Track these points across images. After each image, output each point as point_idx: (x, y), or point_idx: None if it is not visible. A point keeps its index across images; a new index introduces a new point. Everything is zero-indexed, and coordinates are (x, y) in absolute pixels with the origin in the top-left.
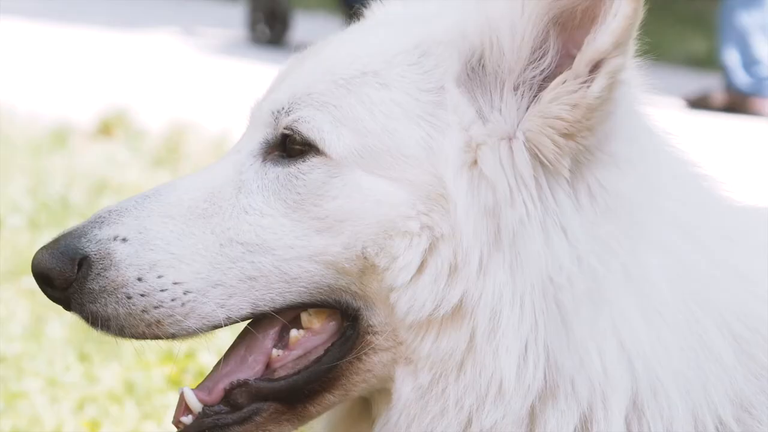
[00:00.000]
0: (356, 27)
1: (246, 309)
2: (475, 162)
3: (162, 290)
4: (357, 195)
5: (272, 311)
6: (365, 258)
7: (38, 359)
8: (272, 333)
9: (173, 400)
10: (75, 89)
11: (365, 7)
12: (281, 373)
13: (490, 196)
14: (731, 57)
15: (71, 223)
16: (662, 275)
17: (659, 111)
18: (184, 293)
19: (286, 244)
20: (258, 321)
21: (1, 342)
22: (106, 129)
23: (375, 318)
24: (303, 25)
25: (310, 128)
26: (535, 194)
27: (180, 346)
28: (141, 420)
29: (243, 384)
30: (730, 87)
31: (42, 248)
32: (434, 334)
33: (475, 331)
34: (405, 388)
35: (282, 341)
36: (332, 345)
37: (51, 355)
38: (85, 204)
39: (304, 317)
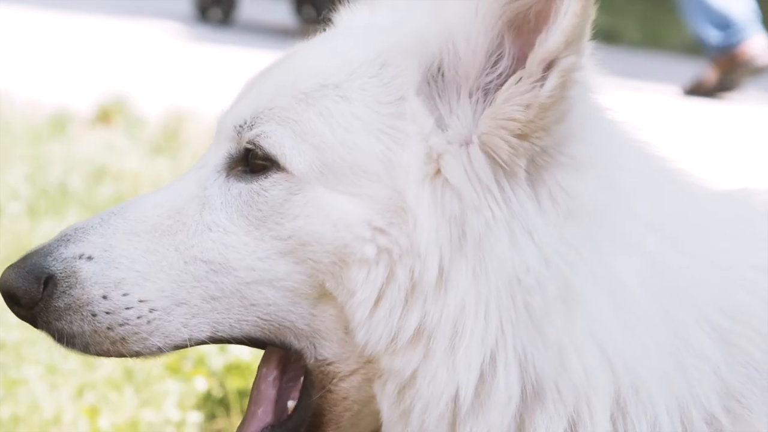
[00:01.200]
0: (321, 37)
1: (206, 332)
2: (438, 172)
3: (127, 308)
4: (317, 215)
5: (231, 340)
6: (325, 291)
7: (37, 346)
8: (272, 380)
9: (172, 387)
10: (74, 76)
11: (332, 13)
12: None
13: (456, 204)
14: (698, 24)
15: (70, 210)
16: (631, 274)
17: (656, 98)
18: (150, 311)
19: (248, 265)
20: (260, 371)
21: (0, 329)
22: (105, 116)
23: (326, 351)
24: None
25: (272, 144)
26: (500, 197)
27: None
28: (140, 407)
29: None
30: (713, 54)
31: (9, 267)
32: (390, 355)
33: (430, 350)
34: (384, 403)
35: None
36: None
37: (50, 343)
38: (84, 191)
39: None
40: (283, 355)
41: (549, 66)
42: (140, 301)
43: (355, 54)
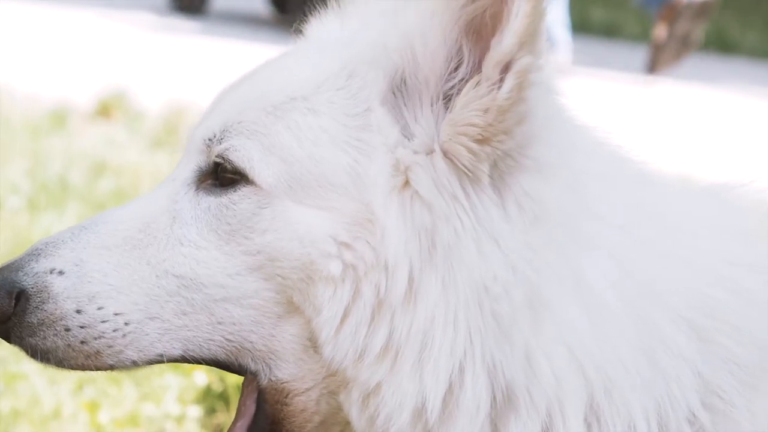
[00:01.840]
0: (291, 50)
1: (178, 349)
2: (406, 183)
3: (103, 321)
4: (285, 230)
5: (202, 362)
6: (293, 304)
7: None
8: (252, 395)
9: (172, 381)
10: (74, 70)
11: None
12: None
13: (426, 215)
14: None
15: (70, 204)
16: (598, 276)
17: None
18: (126, 324)
19: (218, 282)
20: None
21: None
22: (105, 110)
23: (280, 372)
24: None
25: (240, 157)
26: (467, 205)
27: None
28: (140, 401)
29: None
30: (656, 12)
31: None
32: (355, 368)
33: (397, 364)
34: (352, 410)
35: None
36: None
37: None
38: (84, 185)
39: None
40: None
41: (505, 68)
42: (115, 314)
43: (323, 67)
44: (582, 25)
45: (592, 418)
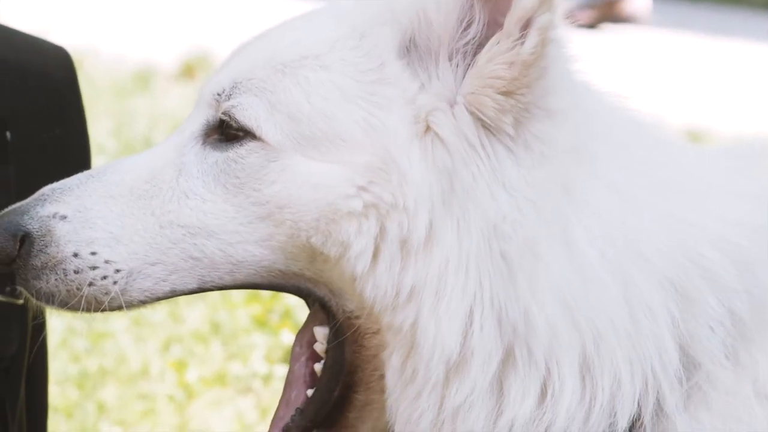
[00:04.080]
0: (305, 13)
1: (193, 284)
2: (427, 129)
3: (93, 268)
4: (295, 180)
5: (228, 288)
6: (313, 248)
7: None
8: (305, 360)
9: (259, 340)
10: (158, 31)
11: None
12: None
13: (447, 158)
14: None
15: None
16: (582, 233)
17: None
18: (116, 272)
19: (230, 229)
20: (293, 350)
21: None
22: (188, 70)
23: (349, 304)
24: None
25: (247, 116)
26: (483, 153)
27: None
28: (227, 360)
29: (290, 427)
30: None
31: None
32: (389, 314)
33: (421, 306)
34: (390, 377)
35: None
36: (329, 346)
37: None
38: None
39: (318, 347)
40: (312, 356)
41: (526, 25)
42: (106, 261)
43: (335, 28)
44: None
45: (585, 371)
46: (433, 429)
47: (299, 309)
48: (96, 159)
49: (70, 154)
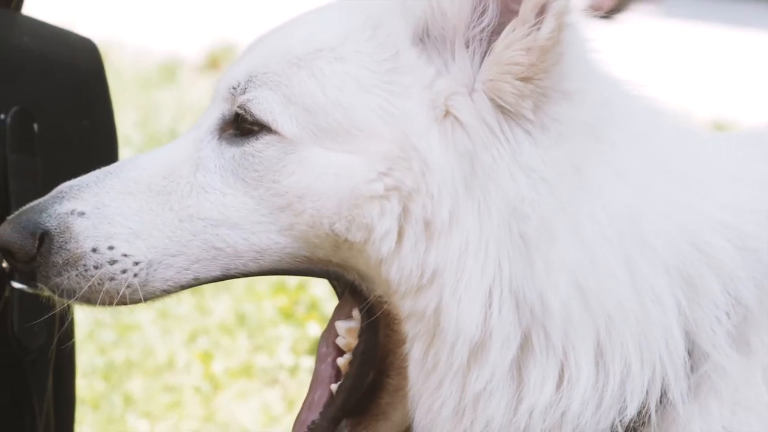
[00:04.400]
0: (318, 8)
1: (216, 272)
2: (446, 113)
3: (112, 262)
4: (313, 171)
5: (253, 274)
6: (336, 235)
7: None
8: (330, 360)
9: (285, 332)
10: (183, 23)
11: None
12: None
13: (467, 141)
14: None
15: None
16: (589, 218)
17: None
18: (135, 264)
19: (253, 220)
20: (319, 352)
21: None
22: (213, 62)
23: (378, 289)
24: None
25: (262, 110)
26: (502, 137)
27: (292, 278)
28: (253, 352)
29: (316, 424)
30: None
31: (5, 222)
32: (412, 298)
33: (443, 287)
34: (412, 369)
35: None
36: (361, 330)
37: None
38: None
39: (341, 342)
40: (338, 354)
41: (541, 11)
42: (124, 255)
43: (349, 21)
44: None
45: (599, 356)
46: (455, 418)
47: (326, 301)
48: (122, 151)
49: (97, 146)
